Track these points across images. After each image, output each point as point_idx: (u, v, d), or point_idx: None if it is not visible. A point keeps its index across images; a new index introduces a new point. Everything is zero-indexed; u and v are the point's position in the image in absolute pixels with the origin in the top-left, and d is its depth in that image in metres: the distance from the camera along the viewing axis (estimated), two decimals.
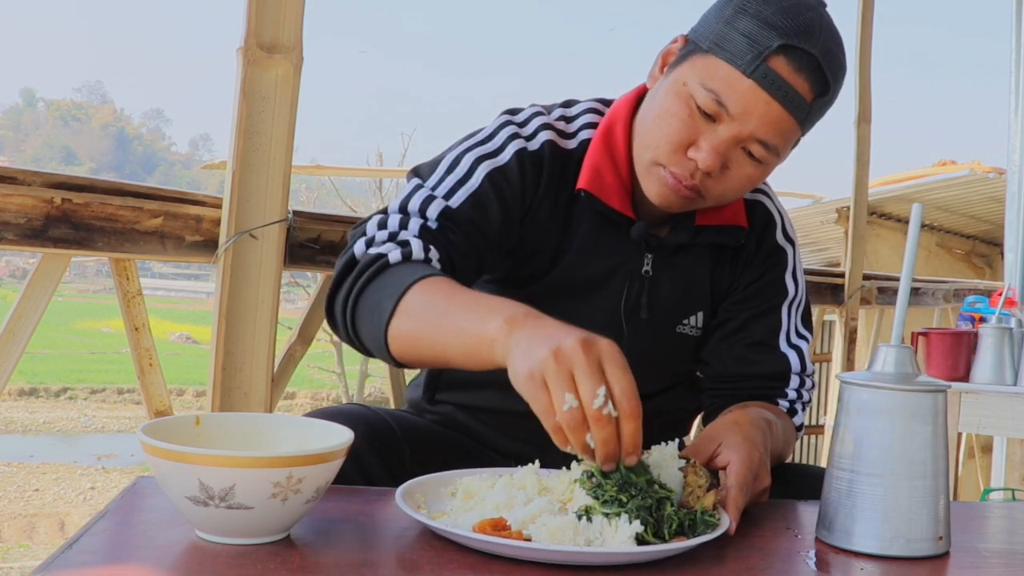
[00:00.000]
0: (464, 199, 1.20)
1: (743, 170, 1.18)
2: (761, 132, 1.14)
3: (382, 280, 1.09)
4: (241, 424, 0.98)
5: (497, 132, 1.26)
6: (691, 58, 1.17)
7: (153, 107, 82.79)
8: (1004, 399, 2.77)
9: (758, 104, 1.12)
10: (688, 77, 1.16)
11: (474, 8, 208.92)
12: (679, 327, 1.34)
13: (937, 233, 8.81)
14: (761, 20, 1.12)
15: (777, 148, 1.16)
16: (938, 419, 0.95)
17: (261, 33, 1.71)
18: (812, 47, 1.12)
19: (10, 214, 1.52)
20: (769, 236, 1.35)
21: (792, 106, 1.13)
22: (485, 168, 1.22)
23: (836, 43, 1.16)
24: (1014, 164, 4.37)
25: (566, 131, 1.29)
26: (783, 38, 1.11)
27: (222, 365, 1.73)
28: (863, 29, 3.52)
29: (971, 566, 0.93)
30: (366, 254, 1.13)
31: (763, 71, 1.11)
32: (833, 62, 1.14)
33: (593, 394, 0.84)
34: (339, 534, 0.89)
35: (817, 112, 1.17)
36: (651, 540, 0.86)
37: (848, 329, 3.77)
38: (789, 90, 1.12)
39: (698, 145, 1.15)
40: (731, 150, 1.16)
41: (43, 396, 16.44)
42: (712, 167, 1.15)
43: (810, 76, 1.13)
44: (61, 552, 0.79)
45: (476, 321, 0.95)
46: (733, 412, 1.17)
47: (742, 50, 1.12)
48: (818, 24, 1.14)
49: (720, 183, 1.18)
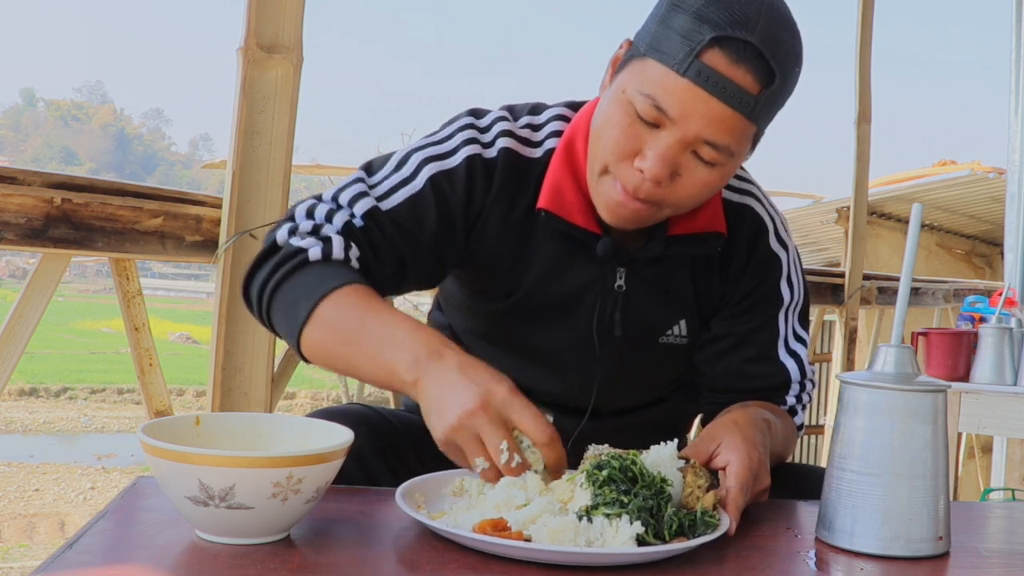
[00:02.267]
0: (401, 201, 1.17)
1: (696, 175, 1.10)
2: (707, 133, 1.07)
3: (299, 279, 1.11)
4: (241, 424, 0.98)
5: (455, 134, 1.21)
6: (631, 63, 1.11)
7: (153, 107, 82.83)
8: (1004, 399, 2.77)
9: (696, 103, 1.05)
10: (627, 84, 1.10)
11: (475, 8, 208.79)
12: (662, 339, 1.29)
13: (937, 233, 8.81)
14: (693, 14, 1.06)
15: (729, 148, 1.09)
16: (938, 419, 0.95)
17: (261, 33, 1.71)
18: (749, 35, 1.04)
19: (10, 214, 1.52)
20: (761, 243, 1.28)
21: (735, 101, 1.05)
22: (430, 170, 1.18)
23: (782, 26, 1.07)
24: (1014, 164, 4.37)
25: (531, 139, 1.23)
26: (716, 30, 1.04)
27: (222, 365, 1.73)
28: (863, 29, 3.52)
29: (971, 566, 0.93)
30: (288, 244, 1.13)
31: (697, 67, 1.04)
32: (778, 48, 1.06)
33: (497, 451, 0.95)
34: (339, 534, 0.89)
35: (769, 104, 1.09)
36: (651, 541, 0.86)
37: (848, 329, 3.77)
38: (728, 84, 1.04)
39: (643, 154, 1.09)
40: (679, 155, 1.09)
41: (43, 396, 16.44)
42: (659, 175, 1.08)
43: (751, 66, 1.05)
44: (61, 552, 0.79)
45: (385, 353, 1.02)
46: (732, 412, 1.17)
47: (675, 49, 1.06)
48: (757, 9, 1.06)
49: (674, 191, 1.11)
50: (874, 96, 3.57)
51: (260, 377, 1.74)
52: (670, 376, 1.35)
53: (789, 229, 1.34)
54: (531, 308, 1.25)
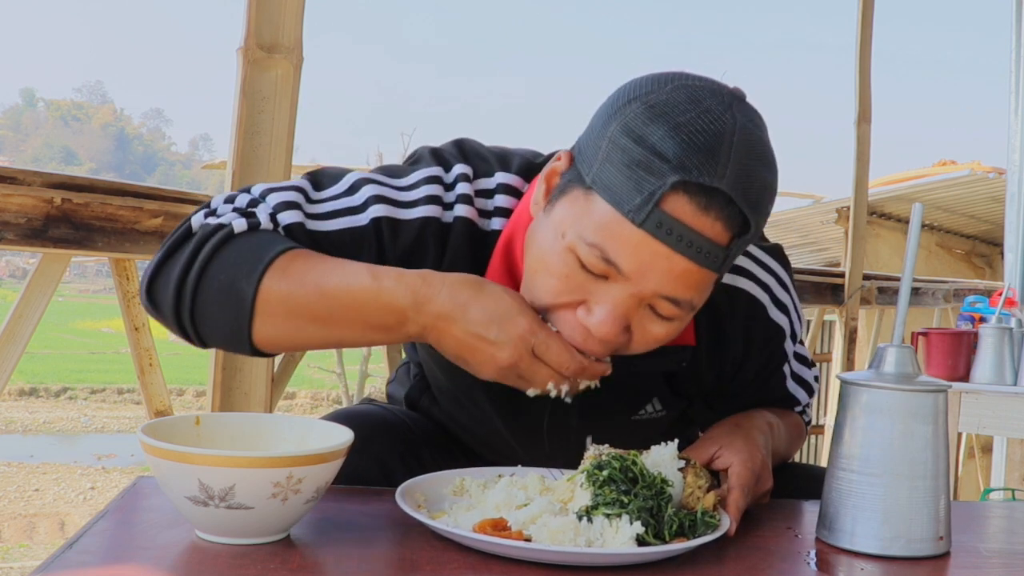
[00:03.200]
0: (337, 228, 1.02)
1: (650, 330, 0.95)
2: (666, 290, 0.91)
3: (227, 256, 0.94)
4: (241, 424, 0.97)
5: (418, 185, 1.06)
6: (571, 192, 0.93)
7: (153, 107, 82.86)
8: (1004, 399, 2.77)
9: (656, 260, 0.88)
10: (568, 224, 0.91)
11: (475, 8, 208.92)
12: (635, 416, 1.17)
13: (937, 233, 8.81)
14: (648, 146, 0.87)
15: (691, 302, 0.93)
16: (938, 419, 0.95)
17: (261, 33, 1.71)
18: (718, 179, 0.86)
19: (10, 214, 1.52)
20: (760, 322, 1.14)
21: (701, 256, 0.89)
22: (379, 211, 1.03)
23: (755, 159, 0.89)
24: (1014, 164, 4.37)
25: (484, 208, 1.08)
26: (678, 172, 0.86)
27: (222, 365, 1.73)
28: (863, 29, 3.52)
29: (971, 566, 0.93)
30: (204, 224, 0.98)
31: (657, 218, 0.87)
32: (751, 189, 0.88)
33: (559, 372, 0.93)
34: (339, 534, 0.89)
35: (738, 252, 0.93)
36: (651, 541, 0.86)
37: (848, 329, 3.77)
38: (695, 238, 0.88)
39: (588, 307, 0.92)
40: (633, 310, 0.93)
41: (43, 396, 16.43)
42: (609, 335, 0.92)
43: (721, 215, 0.88)
44: (61, 552, 0.79)
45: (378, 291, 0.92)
46: (735, 415, 1.16)
47: (628, 190, 0.87)
48: (728, 139, 0.87)
49: (622, 346, 0.96)
50: (874, 96, 3.57)
51: (260, 377, 1.74)
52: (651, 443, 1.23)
53: (787, 279, 1.18)
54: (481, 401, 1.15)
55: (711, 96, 0.90)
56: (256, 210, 1.01)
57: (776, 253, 1.18)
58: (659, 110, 0.88)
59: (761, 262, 1.15)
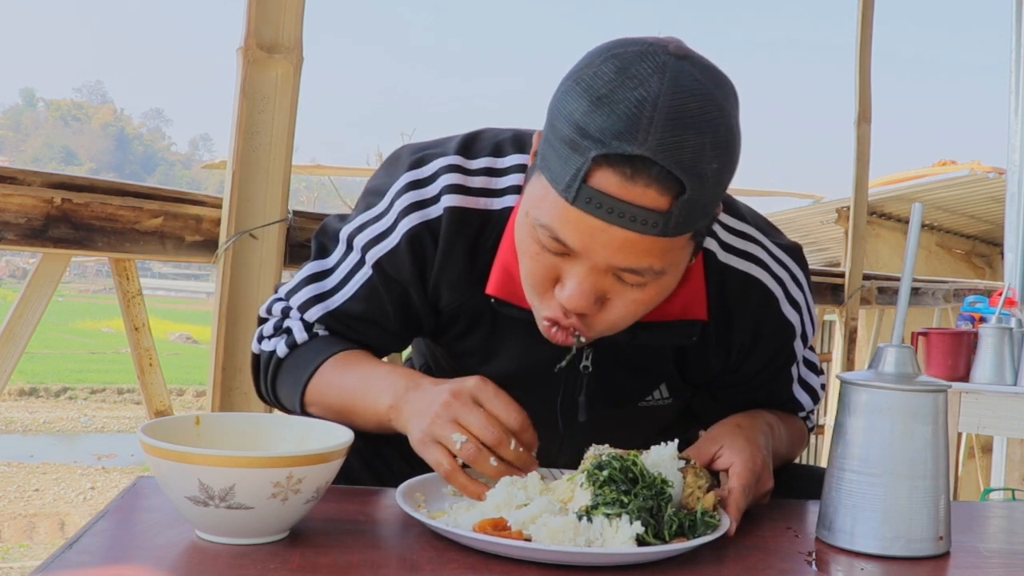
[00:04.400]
0: (354, 293, 1.14)
1: (626, 296, 0.96)
2: (617, 260, 0.91)
3: (282, 379, 1.17)
4: (241, 424, 0.98)
5: (393, 203, 1.11)
6: (533, 174, 0.97)
7: (153, 107, 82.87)
8: (1004, 399, 2.77)
9: (595, 234, 0.90)
10: (529, 205, 0.95)
11: (475, 8, 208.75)
12: (642, 403, 1.20)
13: (937, 233, 8.80)
14: (574, 125, 0.88)
15: (652, 268, 0.93)
16: (938, 419, 0.95)
17: (261, 33, 1.71)
18: (640, 145, 0.85)
19: (10, 214, 1.52)
20: (771, 314, 1.14)
21: (639, 224, 0.88)
22: (374, 256, 1.11)
23: (687, 115, 0.87)
24: (1014, 164, 4.37)
25: (491, 187, 1.10)
26: (599, 146, 0.86)
27: (222, 365, 1.73)
28: (863, 29, 3.52)
29: (971, 566, 0.93)
30: (261, 351, 1.20)
31: (586, 195, 0.88)
32: (683, 151, 0.86)
33: (482, 428, 0.94)
34: (339, 534, 0.89)
35: (687, 213, 0.90)
36: (651, 541, 0.86)
37: (848, 329, 3.77)
38: (627, 209, 0.87)
39: (561, 283, 0.96)
40: (599, 282, 0.94)
41: (43, 396, 16.43)
42: (580, 307, 0.94)
43: (651, 181, 0.87)
44: (61, 552, 0.79)
45: (368, 399, 1.06)
46: (736, 415, 1.16)
47: (560, 170, 0.90)
48: (651, 104, 0.86)
49: (604, 315, 0.98)
50: (874, 96, 3.57)
51: None
52: (656, 429, 1.25)
53: (802, 278, 1.18)
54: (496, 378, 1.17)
55: (640, 61, 0.88)
56: (290, 322, 1.18)
57: (794, 253, 1.19)
58: (585, 85, 0.89)
59: (777, 258, 1.16)
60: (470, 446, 0.94)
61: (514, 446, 0.95)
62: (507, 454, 0.94)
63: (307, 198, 19.21)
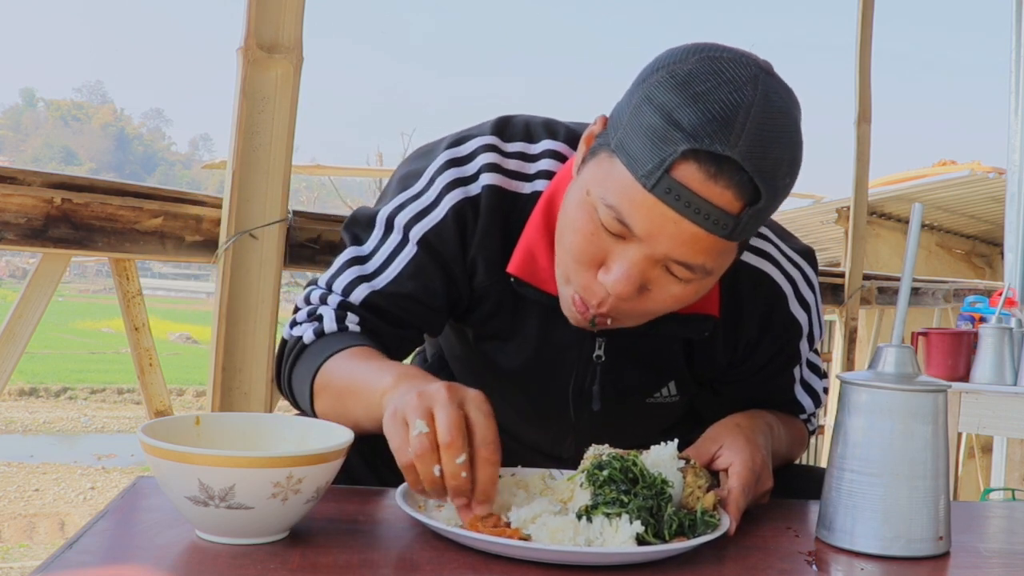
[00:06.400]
0: (398, 273, 1.12)
1: (668, 290, 0.98)
2: (677, 254, 0.94)
3: (299, 367, 1.13)
4: (241, 424, 0.98)
5: (434, 180, 1.12)
6: (600, 154, 0.97)
7: (153, 107, 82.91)
8: (1004, 399, 2.77)
9: (665, 224, 0.92)
10: (592, 184, 0.97)
11: (475, 8, 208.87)
12: (650, 399, 1.22)
13: (937, 233, 8.80)
14: (665, 114, 0.90)
15: (704, 267, 0.96)
16: (938, 419, 0.95)
17: (261, 33, 1.71)
18: (731, 147, 0.88)
19: (10, 214, 1.52)
20: (780, 310, 1.16)
21: (710, 223, 0.91)
22: (419, 231, 1.11)
23: (773, 131, 0.91)
24: (1014, 164, 4.37)
25: (522, 171, 1.13)
26: (690, 140, 0.89)
27: (222, 365, 1.73)
28: (863, 29, 3.52)
29: (971, 566, 0.93)
30: (290, 336, 1.16)
31: (666, 184, 0.90)
32: (765, 160, 0.90)
33: (449, 426, 0.83)
34: (339, 534, 0.89)
35: (754, 220, 0.94)
36: (651, 540, 0.86)
37: (848, 329, 3.77)
38: (703, 205, 0.90)
39: (608, 267, 0.97)
40: (648, 271, 0.97)
41: (43, 396, 16.43)
42: (624, 293, 0.96)
43: (731, 184, 0.90)
44: (61, 552, 0.79)
45: (371, 384, 1.00)
46: (736, 415, 1.16)
47: (643, 156, 0.91)
48: (745, 110, 0.89)
49: (640, 304, 1.00)
50: (874, 96, 3.57)
51: (260, 377, 1.74)
52: (661, 427, 1.27)
53: (814, 280, 1.21)
54: (515, 365, 1.19)
55: (735, 67, 0.92)
56: (324, 309, 1.13)
57: (807, 255, 1.21)
58: (680, 79, 0.91)
59: (790, 258, 1.19)
60: (424, 440, 0.84)
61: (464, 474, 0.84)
62: (449, 464, 0.83)
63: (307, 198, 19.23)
